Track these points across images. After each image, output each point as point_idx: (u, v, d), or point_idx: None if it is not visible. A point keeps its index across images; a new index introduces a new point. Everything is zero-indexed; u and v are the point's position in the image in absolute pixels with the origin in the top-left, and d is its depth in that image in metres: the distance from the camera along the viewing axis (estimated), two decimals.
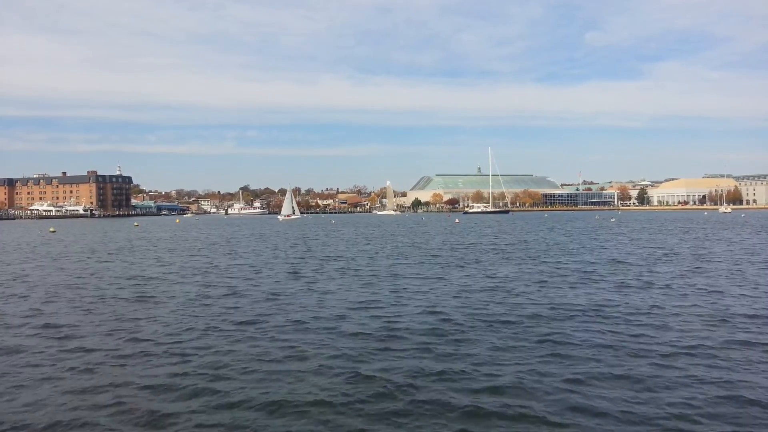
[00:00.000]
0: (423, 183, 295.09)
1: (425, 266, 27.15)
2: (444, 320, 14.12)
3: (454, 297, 17.67)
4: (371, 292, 18.86)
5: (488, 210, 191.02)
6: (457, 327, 13.32)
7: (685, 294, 17.70)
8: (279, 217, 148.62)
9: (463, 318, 14.31)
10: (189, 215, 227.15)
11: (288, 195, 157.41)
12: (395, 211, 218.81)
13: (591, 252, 33.84)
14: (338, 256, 33.61)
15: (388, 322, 14.02)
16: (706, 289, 18.50)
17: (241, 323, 14.12)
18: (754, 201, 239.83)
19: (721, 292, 17.96)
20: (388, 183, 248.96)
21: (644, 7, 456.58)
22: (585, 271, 23.92)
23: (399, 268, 26.25)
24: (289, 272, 25.38)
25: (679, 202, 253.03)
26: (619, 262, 27.74)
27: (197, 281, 22.53)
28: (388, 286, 20.42)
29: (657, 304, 15.98)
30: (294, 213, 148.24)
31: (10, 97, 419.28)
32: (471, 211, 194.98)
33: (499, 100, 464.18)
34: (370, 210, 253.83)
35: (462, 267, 26.49)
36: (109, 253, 38.48)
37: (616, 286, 19.40)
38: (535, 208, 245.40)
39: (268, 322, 14.26)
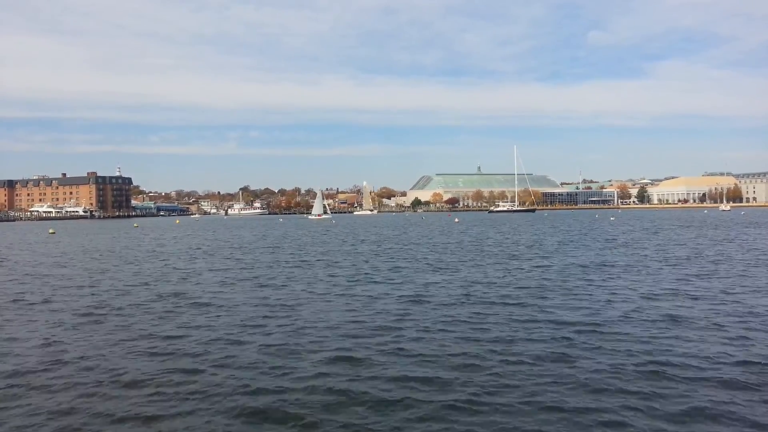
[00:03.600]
0: (423, 182, 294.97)
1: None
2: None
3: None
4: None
5: (514, 209, 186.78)
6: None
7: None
8: (309, 216, 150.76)
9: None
10: (196, 215, 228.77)
11: (318, 195, 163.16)
12: (371, 211, 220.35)
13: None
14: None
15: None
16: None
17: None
18: (754, 199, 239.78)
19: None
20: (364, 183, 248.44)
21: (647, 6, 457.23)
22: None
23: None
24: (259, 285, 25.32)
25: (679, 201, 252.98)
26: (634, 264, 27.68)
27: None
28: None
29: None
30: (325, 212, 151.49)
31: (11, 98, 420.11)
32: (496, 210, 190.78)
33: (501, 100, 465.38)
34: (370, 210, 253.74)
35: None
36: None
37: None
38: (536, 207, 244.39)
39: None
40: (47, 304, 17.73)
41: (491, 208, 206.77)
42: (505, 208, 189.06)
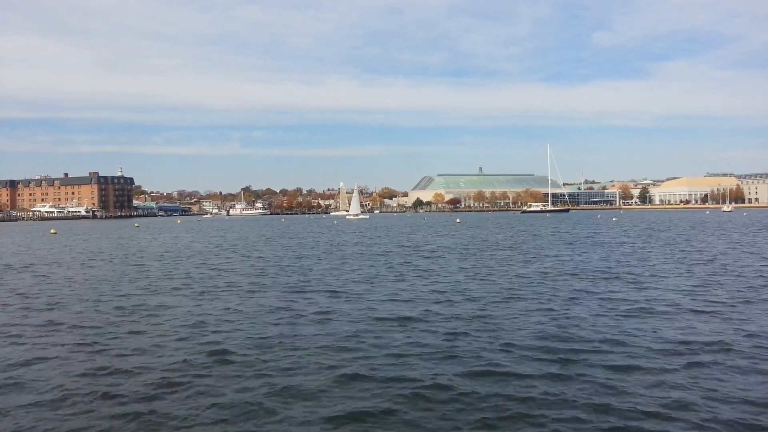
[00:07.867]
0: (425, 183, 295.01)
1: None
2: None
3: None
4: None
5: (547, 209, 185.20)
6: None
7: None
8: (347, 216, 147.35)
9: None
10: (208, 215, 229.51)
11: (355, 193, 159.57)
12: (348, 210, 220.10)
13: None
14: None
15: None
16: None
17: None
18: (756, 199, 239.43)
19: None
20: (341, 184, 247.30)
21: (652, 6, 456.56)
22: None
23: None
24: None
25: (681, 201, 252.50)
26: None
27: None
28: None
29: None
30: (362, 212, 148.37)
31: (15, 98, 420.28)
32: (529, 210, 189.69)
33: (505, 100, 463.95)
34: (371, 210, 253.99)
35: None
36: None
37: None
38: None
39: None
40: None
41: (524, 208, 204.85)
42: (538, 209, 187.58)
